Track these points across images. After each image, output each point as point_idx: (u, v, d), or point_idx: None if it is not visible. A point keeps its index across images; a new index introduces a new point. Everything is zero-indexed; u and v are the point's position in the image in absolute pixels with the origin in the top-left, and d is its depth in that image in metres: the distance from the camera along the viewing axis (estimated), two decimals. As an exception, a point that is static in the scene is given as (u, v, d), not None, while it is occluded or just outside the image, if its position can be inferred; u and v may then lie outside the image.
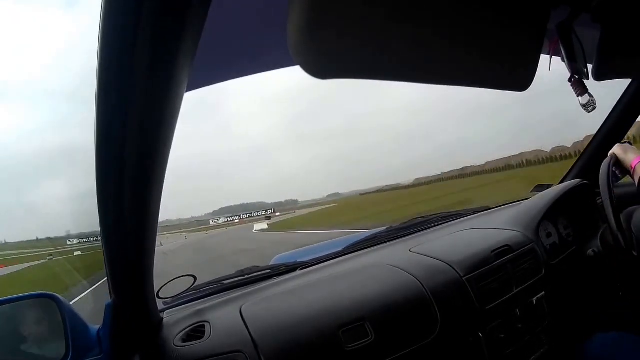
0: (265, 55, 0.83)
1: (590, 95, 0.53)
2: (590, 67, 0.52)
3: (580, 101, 0.54)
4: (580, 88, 0.53)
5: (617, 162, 1.15)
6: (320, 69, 0.31)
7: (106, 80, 0.35)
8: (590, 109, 0.54)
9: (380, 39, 0.32)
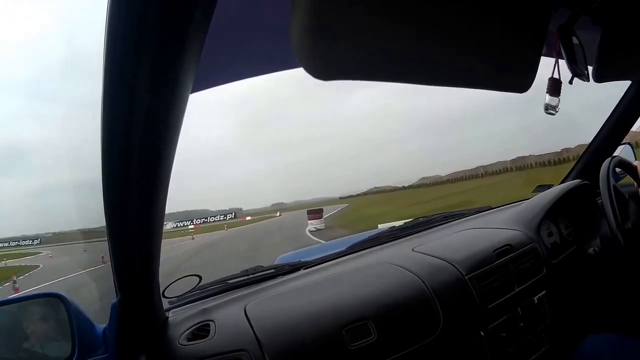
0: (268, 57, 0.84)
1: (559, 101, 0.53)
2: (590, 69, 0.53)
3: (547, 100, 0.53)
4: (555, 90, 0.53)
5: (618, 162, 1.16)
6: (323, 71, 0.32)
7: (112, 82, 0.35)
8: (550, 112, 0.53)
9: (382, 41, 0.32)
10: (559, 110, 0.54)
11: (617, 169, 1.20)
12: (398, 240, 1.28)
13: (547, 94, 0.53)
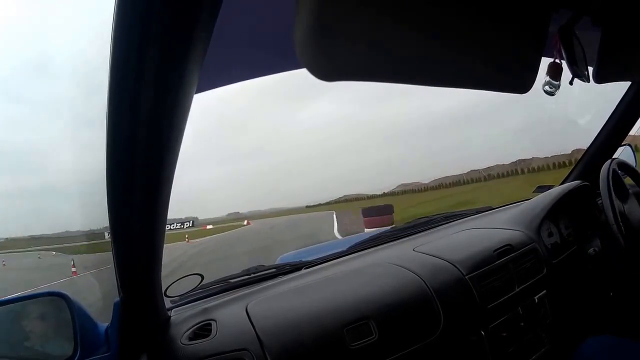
0: (272, 58, 0.85)
1: (559, 81, 0.51)
2: (590, 69, 0.53)
3: (547, 79, 0.51)
4: (556, 74, 0.51)
5: (618, 164, 1.17)
6: (326, 71, 0.32)
7: (117, 80, 0.35)
8: (550, 90, 0.51)
9: (385, 41, 0.32)
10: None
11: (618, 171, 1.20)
12: (399, 240, 1.29)
13: (547, 76, 0.51)
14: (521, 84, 0.43)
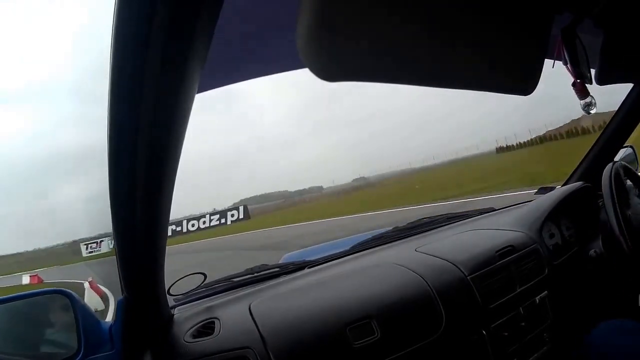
0: (274, 57, 0.85)
1: (591, 96, 0.54)
2: (593, 71, 0.53)
3: (582, 104, 0.54)
4: (583, 92, 0.53)
5: (619, 168, 1.17)
6: (329, 72, 0.32)
7: (119, 81, 0.35)
8: (590, 109, 0.54)
9: (388, 42, 0.32)
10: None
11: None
12: (401, 240, 1.29)
13: (580, 100, 0.53)
14: (524, 85, 0.43)
